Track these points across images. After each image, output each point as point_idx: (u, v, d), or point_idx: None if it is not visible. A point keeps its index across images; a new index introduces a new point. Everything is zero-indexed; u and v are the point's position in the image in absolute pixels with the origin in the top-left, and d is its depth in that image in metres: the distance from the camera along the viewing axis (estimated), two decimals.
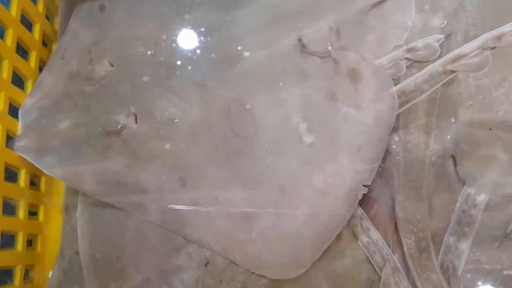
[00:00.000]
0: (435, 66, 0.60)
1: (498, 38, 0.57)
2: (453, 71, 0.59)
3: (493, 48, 0.57)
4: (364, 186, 0.59)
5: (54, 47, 0.67)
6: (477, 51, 0.58)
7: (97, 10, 0.61)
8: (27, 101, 0.58)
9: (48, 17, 0.67)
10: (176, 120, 0.56)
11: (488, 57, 0.58)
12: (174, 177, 0.55)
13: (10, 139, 0.57)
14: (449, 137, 0.64)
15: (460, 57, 0.59)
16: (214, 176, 0.56)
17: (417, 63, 0.63)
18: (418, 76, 0.60)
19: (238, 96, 0.58)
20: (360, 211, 0.62)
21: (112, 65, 0.57)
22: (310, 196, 0.56)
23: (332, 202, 0.57)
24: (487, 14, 0.66)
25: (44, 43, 0.66)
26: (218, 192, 0.55)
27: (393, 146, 0.64)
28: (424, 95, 0.60)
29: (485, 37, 0.58)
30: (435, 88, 0.60)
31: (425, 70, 0.60)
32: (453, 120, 0.64)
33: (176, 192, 0.55)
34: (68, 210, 0.64)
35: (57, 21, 0.68)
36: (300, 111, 0.58)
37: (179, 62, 0.58)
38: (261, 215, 0.55)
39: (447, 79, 0.59)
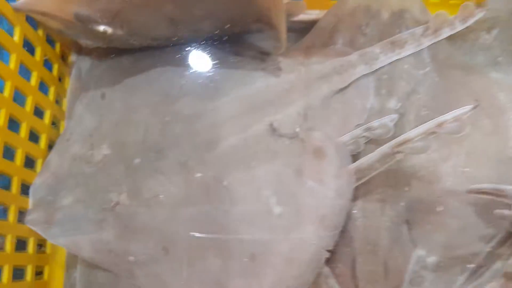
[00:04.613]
0: (385, 148, 0.62)
1: (439, 125, 0.60)
2: (400, 152, 0.62)
3: (435, 133, 0.60)
4: (328, 250, 0.61)
5: (63, 125, 0.72)
6: (421, 136, 0.61)
7: (99, 97, 0.66)
8: (37, 180, 0.62)
9: (58, 100, 0.71)
10: (161, 196, 0.59)
11: (430, 141, 0.61)
12: (158, 246, 0.58)
13: (21, 214, 0.61)
14: (402, 204, 0.66)
15: (406, 141, 0.61)
16: (194, 245, 0.58)
17: (374, 140, 0.66)
18: (371, 156, 0.63)
19: (216, 174, 0.61)
20: (327, 270, 0.64)
21: (109, 150, 0.61)
22: (277, 262, 0.59)
23: (297, 267, 0.59)
24: (436, 97, 0.70)
25: (54, 123, 0.70)
26: (196, 261, 0.58)
27: (354, 211, 0.66)
28: (376, 172, 0.63)
29: (428, 125, 0.60)
30: (386, 166, 0.62)
31: (377, 150, 0.63)
32: (406, 189, 0.67)
33: (160, 259, 0.58)
34: (68, 269, 0.67)
35: (65, 102, 0.72)
36: (271, 186, 0.61)
37: (166, 146, 0.61)
38: (234, 282, 0.58)
39: (395, 159, 0.62)
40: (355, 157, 0.65)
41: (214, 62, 0.67)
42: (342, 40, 0.72)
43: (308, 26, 0.77)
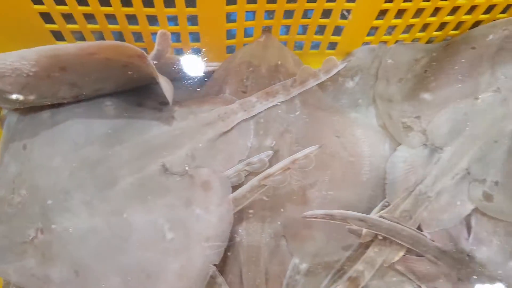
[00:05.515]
0: (253, 181, 0.74)
1: (293, 162, 0.73)
2: (265, 185, 0.74)
3: (289, 169, 0.73)
4: (214, 265, 0.72)
5: None
6: (280, 171, 0.73)
7: (21, 148, 0.75)
8: None
9: None
10: (70, 230, 0.69)
11: (287, 175, 0.73)
12: (70, 270, 0.69)
13: None
14: (279, 222, 0.79)
15: (269, 175, 0.73)
16: (99, 268, 0.69)
17: (254, 173, 0.77)
18: (244, 188, 0.74)
19: (117, 209, 0.71)
20: (221, 279, 0.74)
21: (26, 193, 0.72)
22: (169, 279, 0.69)
23: (186, 282, 0.69)
24: (306, 135, 0.81)
25: None
26: (101, 280, 0.69)
27: (240, 231, 0.78)
28: (249, 201, 0.74)
29: (284, 162, 0.73)
30: (256, 195, 0.74)
31: (248, 183, 0.74)
32: (282, 210, 0.78)
33: (72, 281, 0.69)
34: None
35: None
36: (164, 215, 0.71)
37: (73, 188, 0.71)
38: None
39: (262, 190, 0.74)
40: (238, 187, 0.76)
41: (117, 113, 0.77)
42: (229, 90, 0.84)
43: (209, 76, 0.90)
